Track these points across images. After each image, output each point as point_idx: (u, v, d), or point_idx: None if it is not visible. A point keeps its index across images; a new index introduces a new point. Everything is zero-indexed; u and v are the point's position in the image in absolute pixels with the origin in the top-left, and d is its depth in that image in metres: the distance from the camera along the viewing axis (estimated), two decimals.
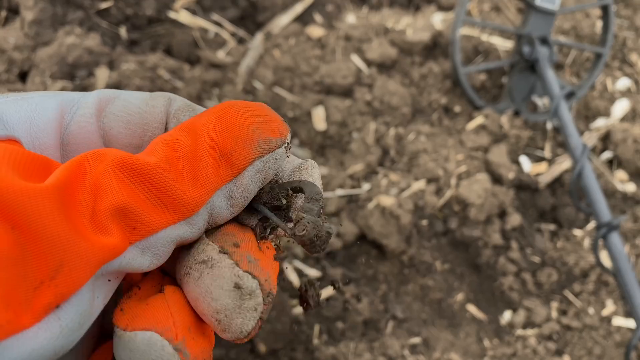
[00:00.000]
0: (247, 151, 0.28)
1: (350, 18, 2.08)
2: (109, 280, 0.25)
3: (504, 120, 1.80)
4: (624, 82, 2.02)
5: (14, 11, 1.91)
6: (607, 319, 1.50)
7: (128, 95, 0.32)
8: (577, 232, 1.67)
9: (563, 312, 1.54)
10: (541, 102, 1.98)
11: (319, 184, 0.31)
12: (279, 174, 0.32)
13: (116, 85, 1.74)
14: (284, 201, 0.31)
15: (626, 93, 2.00)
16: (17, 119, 0.29)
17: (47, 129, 0.29)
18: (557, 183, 1.75)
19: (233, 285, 0.26)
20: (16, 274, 0.21)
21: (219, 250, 0.28)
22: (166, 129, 0.31)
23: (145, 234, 0.26)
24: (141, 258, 0.26)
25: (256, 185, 0.29)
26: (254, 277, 0.27)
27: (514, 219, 1.59)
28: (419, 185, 1.61)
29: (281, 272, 1.41)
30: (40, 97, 0.30)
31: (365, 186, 1.61)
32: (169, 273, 0.32)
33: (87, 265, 0.23)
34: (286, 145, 0.30)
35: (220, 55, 1.94)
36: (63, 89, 1.73)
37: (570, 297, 1.55)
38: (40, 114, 0.29)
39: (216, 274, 0.27)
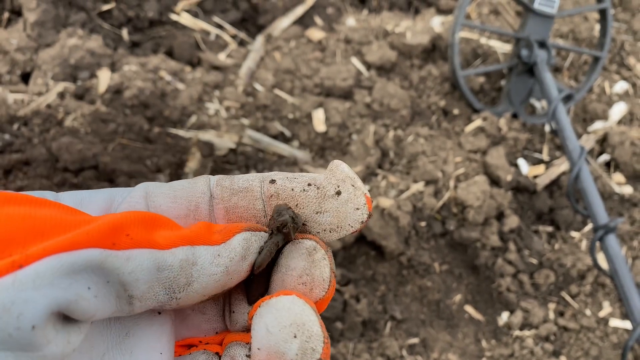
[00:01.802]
0: (239, 225, 0.35)
1: (350, 21, 2.10)
2: (89, 289, 0.29)
3: (502, 122, 1.82)
4: (621, 86, 2.04)
5: (16, 13, 1.92)
6: (604, 321, 1.51)
7: (172, 183, 0.39)
8: (575, 234, 1.68)
9: (560, 314, 1.55)
10: (539, 104, 2.00)
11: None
12: None
13: (118, 87, 1.75)
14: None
15: (624, 96, 2.02)
16: (69, 203, 0.36)
17: (94, 209, 0.36)
18: (554, 185, 1.76)
19: (303, 251, 0.34)
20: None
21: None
22: (211, 196, 0.37)
23: (129, 246, 0.30)
24: (125, 265, 0.30)
25: (240, 251, 0.34)
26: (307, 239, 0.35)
27: (512, 221, 1.60)
28: (418, 187, 1.63)
29: None
30: (88, 192, 0.38)
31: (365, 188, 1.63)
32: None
33: (50, 238, 0.28)
34: (270, 233, 0.36)
35: (221, 57, 1.96)
36: (65, 90, 1.74)
37: (568, 298, 1.56)
38: (89, 199, 0.37)
39: (284, 252, 0.35)
